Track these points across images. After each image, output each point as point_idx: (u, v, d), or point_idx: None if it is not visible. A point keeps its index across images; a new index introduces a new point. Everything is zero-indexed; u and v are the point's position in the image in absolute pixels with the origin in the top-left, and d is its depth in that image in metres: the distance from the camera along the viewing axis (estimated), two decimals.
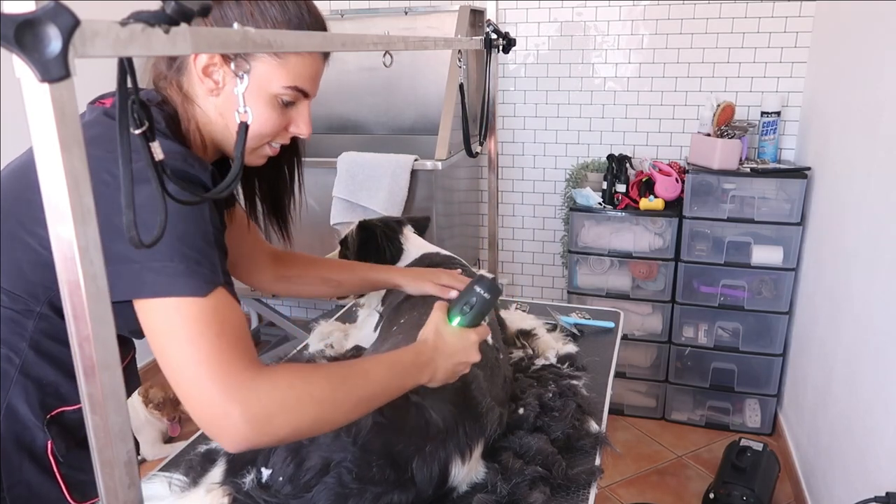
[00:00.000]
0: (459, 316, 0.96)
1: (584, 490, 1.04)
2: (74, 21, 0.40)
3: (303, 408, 0.75)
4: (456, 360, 0.93)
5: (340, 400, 0.79)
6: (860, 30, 1.98)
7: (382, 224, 1.47)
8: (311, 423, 0.77)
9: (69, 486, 0.94)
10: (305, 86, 0.89)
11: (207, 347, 0.72)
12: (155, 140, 0.57)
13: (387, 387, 0.85)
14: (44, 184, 0.42)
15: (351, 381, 0.81)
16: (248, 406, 0.71)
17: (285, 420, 0.74)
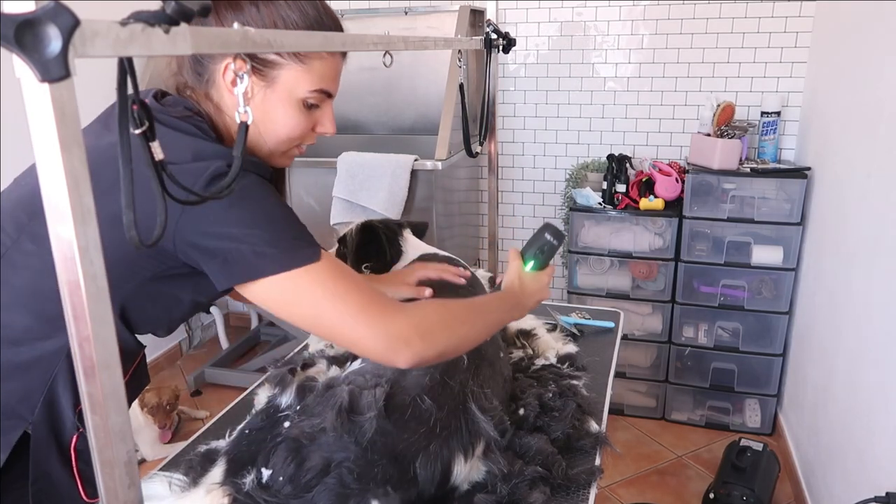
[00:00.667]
0: (533, 260, 1.14)
1: (584, 490, 1.04)
2: (74, 21, 0.40)
3: (454, 326, 0.90)
4: (536, 299, 1.11)
5: (475, 323, 0.94)
6: (860, 30, 1.98)
7: (384, 225, 1.47)
8: (460, 339, 0.91)
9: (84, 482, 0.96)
10: (329, 87, 0.93)
11: (353, 297, 0.82)
12: (155, 140, 0.57)
13: (499, 318, 1.04)
14: (44, 184, 0.42)
15: (478, 310, 0.98)
16: (415, 327, 0.84)
17: (443, 335, 0.88)
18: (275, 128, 0.92)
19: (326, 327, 0.83)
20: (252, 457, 0.95)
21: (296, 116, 0.91)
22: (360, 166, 2.37)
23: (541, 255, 1.15)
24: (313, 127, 0.96)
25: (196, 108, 0.90)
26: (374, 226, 1.46)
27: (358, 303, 0.82)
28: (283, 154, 0.97)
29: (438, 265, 1.35)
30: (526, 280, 1.13)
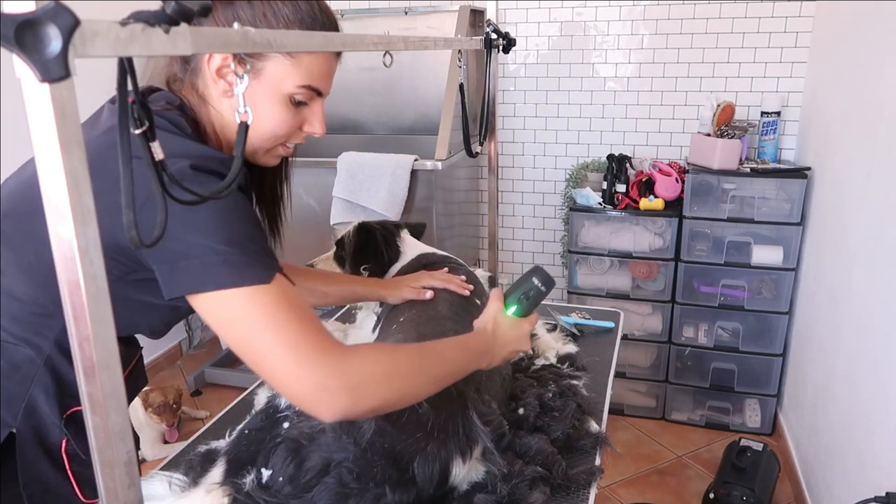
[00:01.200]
0: (515, 305, 1.02)
1: (584, 490, 1.04)
2: (74, 21, 0.40)
3: (392, 380, 0.81)
4: (510, 349, 1.01)
5: (421, 375, 0.85)
6: (860, 30, 1.98)
7: (381, 227, 1.47)
8: (399, 394, 0.82)
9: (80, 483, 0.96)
10: (319, 84, 0.89)
11: (292, 330, 0.75)
12: (155, 140, 0.57)
13: (457, 368, 0.92)
14: (44, 184, 0.42)
15: (429, 359, 0.88)
16: (345, 379, 0.76)
17: (378, 390, 0.79)
18: (259, 123, 0.87)
19: (253, 355, 0.76)
20: (252, 457, 0.95)
21: (281, 113, 0.87)
22: (360, 166, 2.37)
23: (525, 300, 1.03)
24: (301, 126, 0.92)
25: (177, 102, 0.87)
26: (371, 227, 1.46)
27: (293, 338, 0.75)
28: (269, 152, 0.93)
29: (444, 275, 1.34)
30: (503, 326, 1.01)
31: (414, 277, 1.33)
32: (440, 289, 1.30)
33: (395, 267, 1.45)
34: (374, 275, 1.45)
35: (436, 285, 1.29)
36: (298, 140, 0.94)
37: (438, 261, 1.44)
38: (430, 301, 1.26)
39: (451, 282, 1.31)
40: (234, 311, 0.76)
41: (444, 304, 1.25)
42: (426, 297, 1.26)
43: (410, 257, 1.46)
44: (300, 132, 0.92)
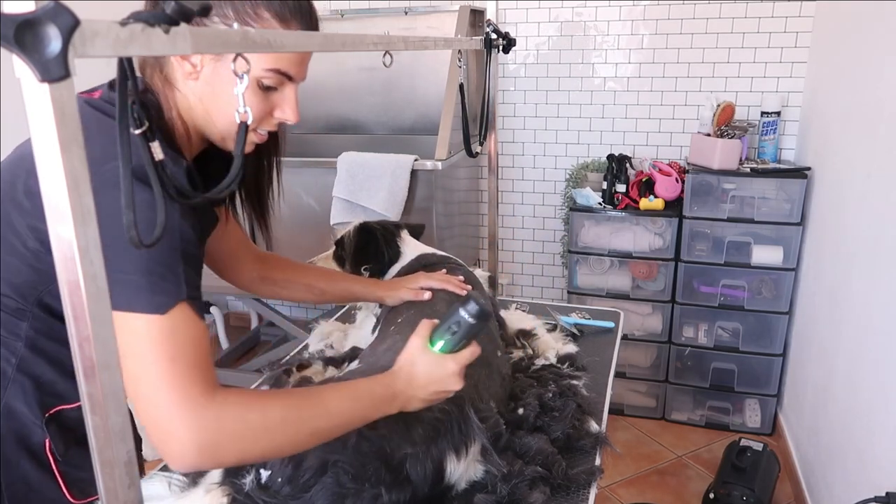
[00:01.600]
0: (442, 340, 0.89)
1: (584, 490, 1.04)
2: (74, 21, 0.40)
3: (252, 437, 0.75)
4: (432, 391, 0.88)
5: (293, 431, 0.78)
6: (860, 30, 1.98)
7: (381, 227, 1.47)
8: (260, 452, 0.77)
9: (68, 484, 0.95)
10: (288, 69, 0.85)
11: (161, 370, 0.71)
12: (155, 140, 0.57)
13: (348, 419, 0.83)
14: (44, 184, 0.42)
15: (308, 412, 0.79)
16: (196, 433, 0.71)
17: (233, 448, 0.74)
18: (225, 108, 0.84)
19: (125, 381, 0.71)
20: None
21: (248, 97, 0.82)
22: (360, 166, 2.37)
23: (451, 334, 0.88)
24: (272, 111, 0.88)
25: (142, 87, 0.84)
26: (371, 227, 1.46)
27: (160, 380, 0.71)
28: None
29: (442, 275, 1.34)
30: (422, 365, 0.88)
31: (412, 278, 1.33)
32: (438, 289, 1.30)
33: (396, 267, 1.45)
34: (374, 275, 1.45)
35: (434, 286, 1.29)
36: (270, 126, 0.90)
37: (438, 261, 1.44)
38: (428, 302, 1.26)
39: (449, 282, 1.31)
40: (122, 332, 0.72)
41: (443, 305, 1.25)
42: (424, 298, 1.26)
43: (410, 258, 1.46)
44: (271, 118, 0.88)
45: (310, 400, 0.81)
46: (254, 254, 1.27)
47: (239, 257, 1.23)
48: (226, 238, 1.19)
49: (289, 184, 2.50)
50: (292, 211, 2.53)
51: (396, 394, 0.87)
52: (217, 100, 0.84)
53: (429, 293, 1.27)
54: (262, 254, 1.28)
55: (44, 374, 0.90)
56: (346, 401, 0.83)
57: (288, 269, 1.30)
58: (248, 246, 1.25)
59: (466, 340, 0.89)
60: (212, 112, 0.85)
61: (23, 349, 0.89)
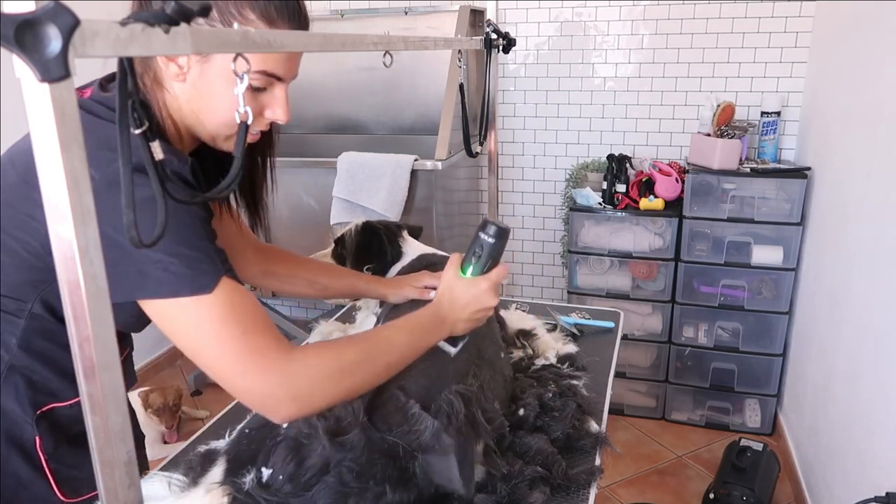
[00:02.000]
0: (471, 265, 0.98)
1: (584, 490, 1.04)
2: (74, 21, 0.40)
3: (337, 380, 0.83)
4: (472, 310, 0.97)
5: (369, 368, 0.87)
6: (860, 30, 1.98)
7: (384, 226, 1.47)
8: (346, 391, 0.86)
9: (59, 482, 0.95)
10: (276, 69, 0.84)
11: (233, 341, 0.77)
12: (155, 140, 0.57)
13: (412, 348, 0.93)
14: (44, 184, 0.42)
15: (376, 349, 0.89)
16: (289, 387, 0.79)
17: (323, 393, 0.83)
18: (212, 109, 0.84)
19: (202, 364, 0.78)
20: (252, 456, 0.95)
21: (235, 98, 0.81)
22: (360, 166, 2.37)
23: (476, 257, 0.97)
24: (262, 111, 0.87)
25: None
26: (374, 226, 1.46)
27: (237, 350, 0.77)
28: (229, 138, 0.88)
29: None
30: (457, 289, 0.98)
31: (415, 277, 1.32)
32: None
33: (397, 267, 1.45)
34: (376, 274, 1.45)
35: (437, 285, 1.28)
36: (261, 126, 0.89)
37: (439, 261, 1.44)
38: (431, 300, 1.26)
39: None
40: (176, 320, 0.77)
41: None
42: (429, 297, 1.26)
43: (411, 257, 1.46)
44: (262, 118, 0.88)
45: (375, 339, 0.91)
46: (254, 246, 1.25)
47: (238, 250, 1.22)
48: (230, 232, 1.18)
49: (289, 184, 2.50)
50: (292, 211, 2.53)
51: (443, 318, 0.96)
52: (205, 101, 0.83)
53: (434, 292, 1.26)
54: (263, 246, 1.27)
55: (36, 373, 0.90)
56: (404, 334, 0.93)
57: (290, 262, 1.29)
58: (246, 239, 1.24)
59: (493, 260, 0.98)
60: (200, 113, 0.85)
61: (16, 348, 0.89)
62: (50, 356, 0.91)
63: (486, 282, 0.98)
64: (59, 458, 0.94)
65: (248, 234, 1.24)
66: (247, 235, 1.24)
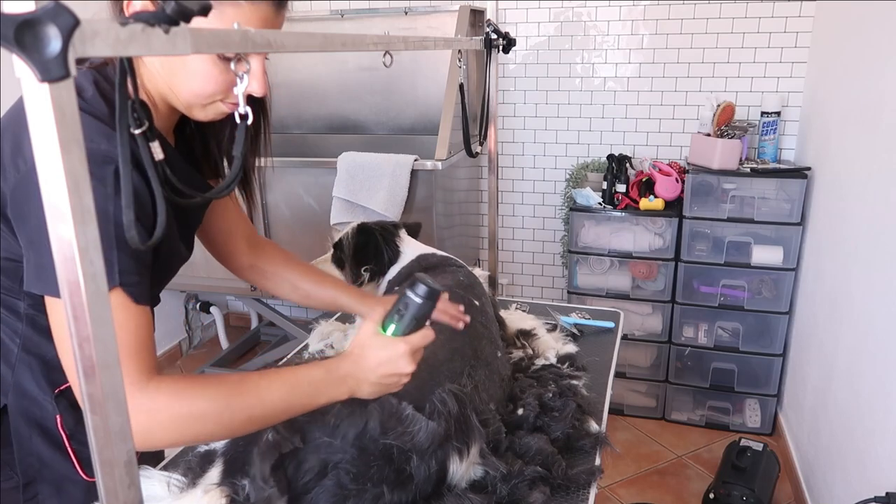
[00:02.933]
0: (392, 324, 0.87)
1: (584, 490, 1.04)
2: (74, 21, 0.40)
3: (183, 425, 0.76)
4: (382, 372, 0.86)
5: (226, 418, 0.79)
6: (860, 30, 1.97)
7: (379, 227, 1.47)
8: (192, 437, 0.81)
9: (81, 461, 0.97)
10: None
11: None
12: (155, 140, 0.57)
13: (287, 406, 0.83)
14: (44, 184, 0.42)
15: (240, 399, 0.80)
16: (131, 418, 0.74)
17: (163, 435, 0.76)
18: (185, 78, 0.81)
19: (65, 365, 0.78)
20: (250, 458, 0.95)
21: (205, 68, 0.79)
22: (360, 166, 2.37)
23: (398, 315, 0.87)
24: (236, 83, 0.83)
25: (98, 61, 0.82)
26: (370, 227, 1.46)
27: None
28: (205, 108, 0.86)
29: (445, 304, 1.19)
30: (370, 347, 0.87)
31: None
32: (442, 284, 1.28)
33: (396, 267, 1.45)
34: (374, 276, 1.45)
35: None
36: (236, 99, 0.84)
37: (439, 262, 1.44)
38: None
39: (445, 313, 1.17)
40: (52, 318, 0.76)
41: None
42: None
43: (410, 258, 1.45)
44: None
45: (241, 389, 0.80)
46: (248, 237, 1.22)
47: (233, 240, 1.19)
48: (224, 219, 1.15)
49: (289, 184, 2.50)
50: (292, 211, 2.53)
51: (344, 377, 0.86)
52: (175, 72, 0.82)
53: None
54: (258, 240, 1.24)
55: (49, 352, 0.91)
56: (282, 388, 0.82)
57: (278, 261, 1.25)
58: (242, 230, 1.21)
59: (416, 322, 0.87)
60: (173, 84, 0.83)
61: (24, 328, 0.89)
62: None
63: (405, 345, 0.86)
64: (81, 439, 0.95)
65: (244, 224, 1.21)
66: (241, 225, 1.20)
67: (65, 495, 0.97)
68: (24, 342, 0.90)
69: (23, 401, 0.91)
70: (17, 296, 0.88)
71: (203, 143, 1.00)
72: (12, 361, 0.90)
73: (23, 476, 0.95)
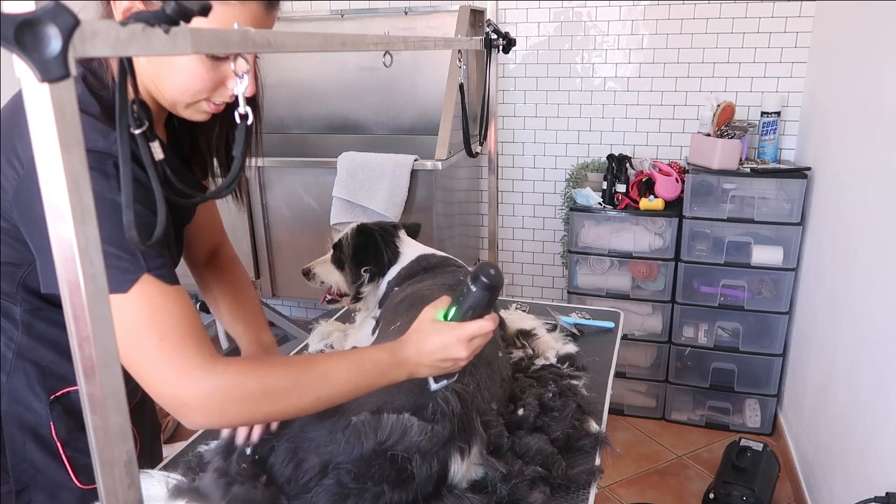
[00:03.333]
0: (452, 309, 0.89)
1: (584, 490, 1.04)
2: (74, 21, 0.40)
3: (255, 403, 0.78)
4: (437, 357, 0.88)
5: (293, 399, 0.80)
6: (860, 30, 1.97)
7: (379, 227, 1.47)
8: (265, 415, 0.82)
9: (75, 469, 0.96)
10: None
11: (149, 347, 0.73)
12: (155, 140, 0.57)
13: (354, 386, 0.85)
14: (44, 184, 0.42)
15: (307, 380, 0.81)
16: (201, 401, 0.75)
17: (239, 413, 0.78)
18: (170, 77, 0.80)
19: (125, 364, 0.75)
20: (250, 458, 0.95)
21: (192, 67, 0.79)
22: (360, 166, 2.37)
23: (457, 304, 0.89)
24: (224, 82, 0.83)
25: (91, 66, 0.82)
26: (369, 228, 1.45)
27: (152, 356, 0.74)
28: (190, 106, 0.85)
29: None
30: (427, 333, 0.89)
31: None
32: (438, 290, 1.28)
33: (395, 268, 1.45)
34: (374, 277, 1.44)
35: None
36: (224, 97, 0.85)
37: (439, 262, 1.44)
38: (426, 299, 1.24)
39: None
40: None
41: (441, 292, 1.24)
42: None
43: (410, 258, 1.45)
44: (224, 89, 0.84)
45: (310, 369, 0.82)
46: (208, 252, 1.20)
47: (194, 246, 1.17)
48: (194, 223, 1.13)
49: (289, 184, 2.50)
50: (292, 211, 2.53)
51: (404, 360, 0.88)
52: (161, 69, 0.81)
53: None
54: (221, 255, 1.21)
55: (44, 357, 0.91)
56: (349, 370, 0.84)
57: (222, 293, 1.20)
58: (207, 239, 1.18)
59: (473, 311, 0.88)
60: (159, 81, 0.82)
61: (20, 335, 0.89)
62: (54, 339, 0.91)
63: (461, 332, 0.87)
64: (74, 445, 0.94)
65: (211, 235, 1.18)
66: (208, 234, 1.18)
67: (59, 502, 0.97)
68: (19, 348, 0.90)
69: (17, 407, 0.90)
70: (13, 301, 0.88)
71: (191, 139, 1.00)
72: (7, 367, 0.90)
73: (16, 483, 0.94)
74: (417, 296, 1.27)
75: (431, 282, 1.35)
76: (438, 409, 0.95)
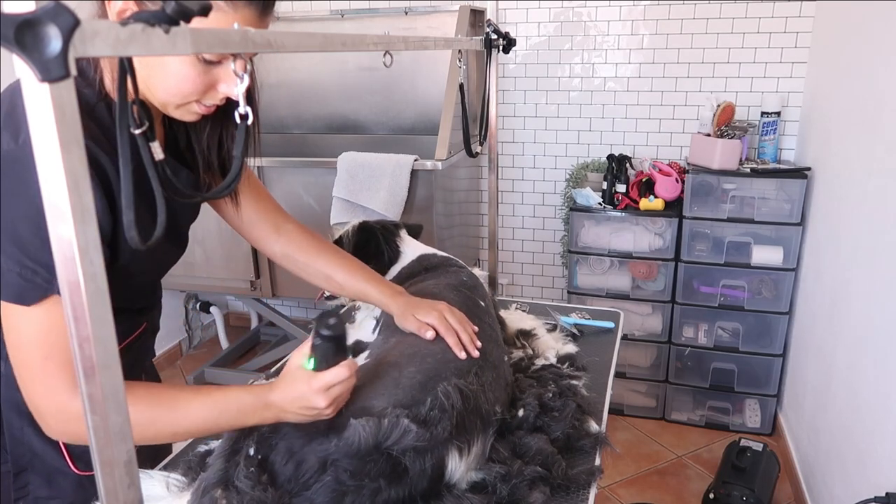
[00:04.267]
0: (312, 359, 0.90)
1: (584, 490, 1.04)
2: (74, 21, 0.40)
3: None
4: (299, 405, 0.88)
5: (149, 433, 0.84)
6: (860, 30, 1.98)
7: (381, 226, 1.47)
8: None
9: (72, 456, 0.97)
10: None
11: (31, 361, 0.79)
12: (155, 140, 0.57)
13: (212, 426, 0.88)
14: (44, 184, 0.42)
15: (165, 417, 0.85)
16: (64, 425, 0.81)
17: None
18: (162, 77, 0.80)
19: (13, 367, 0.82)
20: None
21: (183, 70, 0.79)
22: (361, 166, 2.37)
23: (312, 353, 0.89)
24: (216, 85, 0.83)
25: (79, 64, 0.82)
26: (371, 226, 1.46)
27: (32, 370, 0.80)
28: (180, 108, 0.85)
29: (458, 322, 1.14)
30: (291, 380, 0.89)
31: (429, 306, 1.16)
32: (444, 289, 1.28)
33: (396, 268, 1.45)
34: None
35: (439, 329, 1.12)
36: (214, 100, 0.85)
37: (439, 262, 1.44)
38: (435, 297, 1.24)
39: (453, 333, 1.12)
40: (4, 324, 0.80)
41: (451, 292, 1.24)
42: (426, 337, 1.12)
43: (411, 258, 1.45)
44: (215, 91, 0.84)
45: (173, 407, 0.85)
46: (275, 225, 1.21)
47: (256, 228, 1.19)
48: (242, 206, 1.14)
49: (289, 184, 2.50)
50: (292, 211, 2.50)
51: (270, 404, 0.89)
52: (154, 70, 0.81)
53: (432, 333, 1.12)
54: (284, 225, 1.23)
55: None
56: (211, 410, 0.87)
57: (310, 251, 1.24)
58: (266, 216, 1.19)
59: (326, 361, 0.88)
60: (148, 81, 0.82)
61: None
62: None
63: (317, 383, 0.87)
64: None
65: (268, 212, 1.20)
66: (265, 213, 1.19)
67: (55, 487, 0.98)
68: None
69: (15, 392, 0.90)
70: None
71: (186, 137, 1.00)
72: (5, 353, 0.90)
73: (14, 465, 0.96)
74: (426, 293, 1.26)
75: (436, 281, 1.35)
76: (437, 405, 0.95)
